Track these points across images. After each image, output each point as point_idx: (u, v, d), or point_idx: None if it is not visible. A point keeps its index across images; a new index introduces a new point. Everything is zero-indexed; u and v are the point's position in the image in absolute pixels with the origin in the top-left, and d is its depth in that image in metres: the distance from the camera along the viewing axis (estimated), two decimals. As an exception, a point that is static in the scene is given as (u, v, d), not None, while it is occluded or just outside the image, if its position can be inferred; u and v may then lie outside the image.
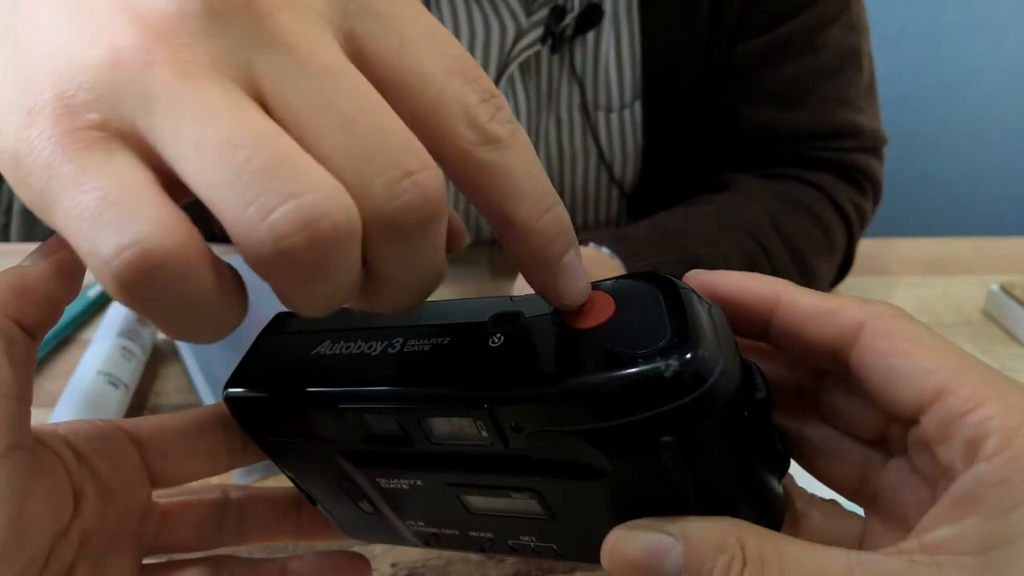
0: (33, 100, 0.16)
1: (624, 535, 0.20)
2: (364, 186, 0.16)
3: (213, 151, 0.15)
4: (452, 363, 0.21)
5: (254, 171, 0.15)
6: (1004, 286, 0.60)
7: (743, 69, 0.62)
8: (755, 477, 0.21)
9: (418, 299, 0.19)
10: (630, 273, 0.21)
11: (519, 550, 0.26)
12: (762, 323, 0.22)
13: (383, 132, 0.16)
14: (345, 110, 0.16)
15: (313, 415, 0.23)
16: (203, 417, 0.25)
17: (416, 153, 0.16)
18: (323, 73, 0.16)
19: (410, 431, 0.22)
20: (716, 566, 0.18)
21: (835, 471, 0.24)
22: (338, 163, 0.16)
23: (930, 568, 0.17)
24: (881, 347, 0.20)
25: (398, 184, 0.16)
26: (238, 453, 0.26)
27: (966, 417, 0.18)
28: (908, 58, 1.48)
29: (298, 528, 0.28)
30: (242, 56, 0.16)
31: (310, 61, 0.16)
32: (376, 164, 0.16)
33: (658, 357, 0.18)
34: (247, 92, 0.16)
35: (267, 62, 0.16)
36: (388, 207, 0.16)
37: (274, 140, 0.15)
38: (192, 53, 0.16)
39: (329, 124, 0.16)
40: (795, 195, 0.60)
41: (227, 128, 0.15)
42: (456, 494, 0.24)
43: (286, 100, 0.16)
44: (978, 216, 1.60)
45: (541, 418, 0.19)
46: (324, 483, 0.26)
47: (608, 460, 0.19)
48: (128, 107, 0.16)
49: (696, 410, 0.18)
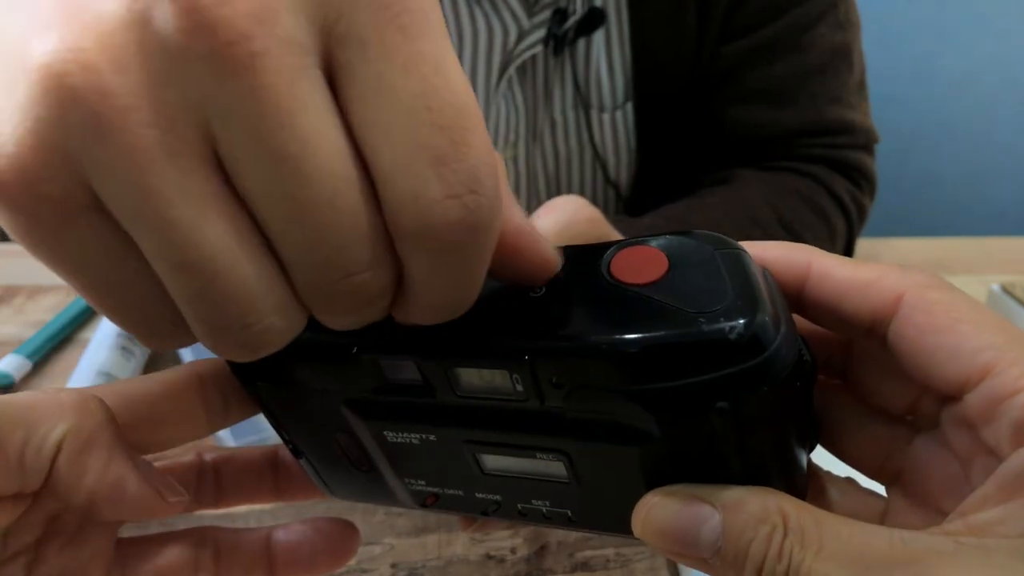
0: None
1: (659, 501, 0.19)
2: (304, 283, 0.16)
3: (145, 232, 0.15)
4: (487, 311, 0.19)
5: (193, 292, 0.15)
6: (1004, 286, 0.60)
7: (732, 69, 0.63)
8: (792, 450, 0.20)
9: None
10: (678, 231, 0.20)
11: (527, 515, 0.24)
12: (794, 293, 0.22)
13: (330, 230, 0.15)
14: (297, 201, 0.14)
15: (321, 360, 0.21)
16: (175, 379, 0.23)
17: (358, 254, 0.16)
18: (286, 160, 0.14)
19: (433, 381, 0.20)
20: (757, 536, 0.18)
21: (858, 447, 0.23)
22: (283, 252, 0.15)
23: (977, 550, 0.17)
24: (922, 321, 0.19)
25: (335, 284, 0.16)
26: (219, 414, 0.24)
27: (1015, 397, 0.18)
28: (908, 58, 1.48)
29: (276, 488, 0.27)
30: (201, 116, 0.14)
31: (278, 141, 0.14)
32: (317, 262, 0.15)
33: (721, 318, 0.17)
34: (203, 161, 0.14)
35: (230, 128, 0.14)
36: (320, 303, 0.16)
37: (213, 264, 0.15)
38: (148, 103, 0.14)
39: (280, 213, 0.15)
40: (794, 186, 0.61)
41: (163, 221, 0.14)
42: (472, 452, 0.22)
43: (243, 186, 0.15)
44: (978, 216, 1.60)
45: (587, 375, 0.18)
46: (318, 435, 0.24)
47: (655, 423, 0.18)
48: (80, 167, 0.14)
49: (756, 377, 0.17)
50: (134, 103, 0.13)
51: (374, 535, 0.38)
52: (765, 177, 0.61)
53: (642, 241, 0.20)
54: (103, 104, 0.13)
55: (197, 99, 0.14)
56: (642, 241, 0.20)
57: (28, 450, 0.20)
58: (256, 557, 0.26)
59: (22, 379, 0.50)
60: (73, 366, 0.46)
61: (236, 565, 0.26)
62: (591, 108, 0.64)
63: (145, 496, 0.21)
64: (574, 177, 0.68)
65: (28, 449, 0.20)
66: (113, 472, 0.21)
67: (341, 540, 0.27)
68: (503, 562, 0.37)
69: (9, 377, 0.49)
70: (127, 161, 0.14)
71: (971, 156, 1.57)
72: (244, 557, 0.26)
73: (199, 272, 0.15)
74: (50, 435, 0.20)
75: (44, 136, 0.14)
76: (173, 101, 0.14)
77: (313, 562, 0.26)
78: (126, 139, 0.13)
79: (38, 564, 0.22)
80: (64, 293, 0.59)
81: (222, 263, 0.15)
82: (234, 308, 0.15)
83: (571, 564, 0.37)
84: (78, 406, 0.21)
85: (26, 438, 0.20)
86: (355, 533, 0.27)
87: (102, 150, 0.14)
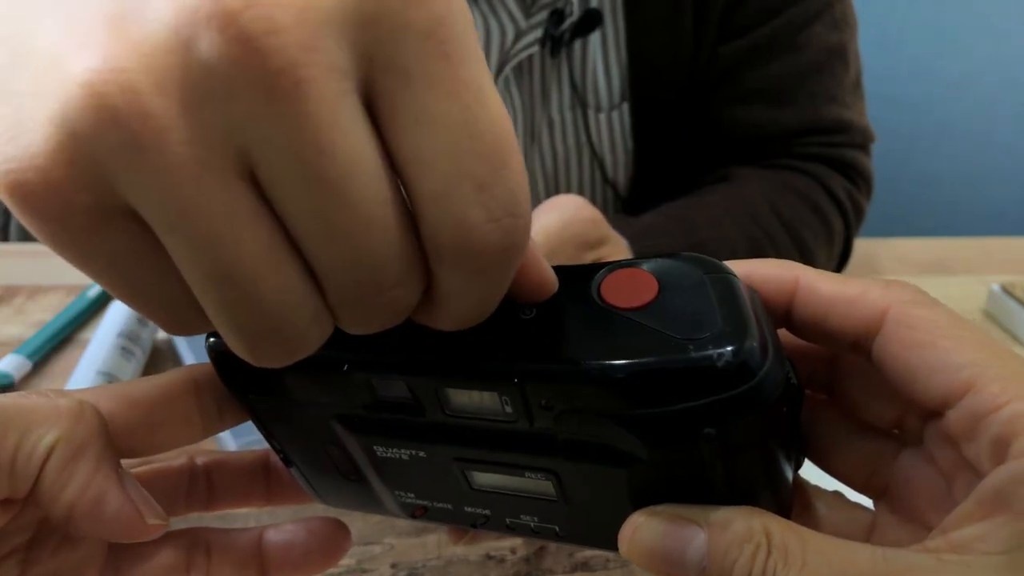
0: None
1: (645, 521, 0.20)
2: (338, 297, 0.16)
3: (182, 244, 0.15)
4: (477, 332, 0.19)
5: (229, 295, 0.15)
6: (1004, 286, 0.60)
7: (729, 69, 0.63)
8: (778, 471, 0.21)
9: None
10: (669, 253, 0.20)
11: (516, 530, 0.24)
12: (782, 310, 0.22)
13: (367, 251, 0.15)
14: (335, 224, 0.15)
15: (311, 375, 0.21)
16: (171, 383, 0.23)
17: (393, 272, 0.16)
18: (324, 183, 0.14)
19: (423, 400, 0.20)
20: (741, 555, 0.18)
21: (845, 462, 0.23)
22: (318, 268, 0.16)
23: (958, 566, 0.17)
24: (905, 337, 0.19)
25: (369, 299, 0.16)
26: (214, 419, 0.24)
27: (995, 414, 0.18)
28: (908, 58, 1.48)
29: (267, 493, 0.28)
30: (242, 140, 0.14)
31: (318, 166, 0.14)
32: (352, 279, 0.16)
33: (710, 345, 0.17)
34: (240, 179, 0.14)
35: (269, 160, 0.14)
36: (350, 315, 0.17)
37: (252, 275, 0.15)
38: (188, 123, 0.14)
39: (318, 233, 0.15)
40: (792, 183, 0.61)
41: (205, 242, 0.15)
42: (461, 469, 0.22)
43: (281, 208, 0.15)
44: (978, 216, 1.60)
45: (576, 398, 0.18)
46: (307, 447, 0.24)
47: (643, 447, 0.18)
48: (113, 179, 0.14)
49: (744, 404, 0.17)
50: (173, 124, 0.14)
51: (374, 535, 0.38)
52: (764, 175, 0.62)
53: (633, 263, 0.20)
54: (143, 125, 0.13)
55: (238, 122, 0.14)
56: (633, 263, 0.20)
57: (20, 455, 0.20)
58: (248, 557, 0.26)
59: (22, 379, 0.50)
60: (73, 366, 0.46)
61: (228, 565, 0.26)
62: (588, 108, 0.64)
63: (124, 514, 0.21)
64: (572, 177, 0.68)
65: (20, 454, 0.20)
66: (96, 485, 0.21)
67: (333, 540, 0.27)
68: (503, 562, 0.37)
69: (9, 377, 0.49)
70: (164, 179, 0.14)
71: (970, 156, 1.57)
72: (236, 557, 0.26)
73: (235, 284, 0.15)
74: (42, 441, 0.20)
75: (78, 151, 0.14)
76: (213, 123, 0.14)
77: (305, 561, 0.26)
78: (164, 159, 0.14)
79: (31, 566, 0.22)
80: (64, 293, 0.59)
81: (258, 275, 0.15)
82: (269, 318, 0.16)
83: (571, 564, 0.37)
84: (74, 413, 0.21)
85: (19, 442, 0.20)
86: (346, 533, 0.27)
87: (139, 167, 0.14)
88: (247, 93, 0.13)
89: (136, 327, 0.50)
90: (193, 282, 0.15)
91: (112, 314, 0.50)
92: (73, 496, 0.20)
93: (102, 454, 0.21)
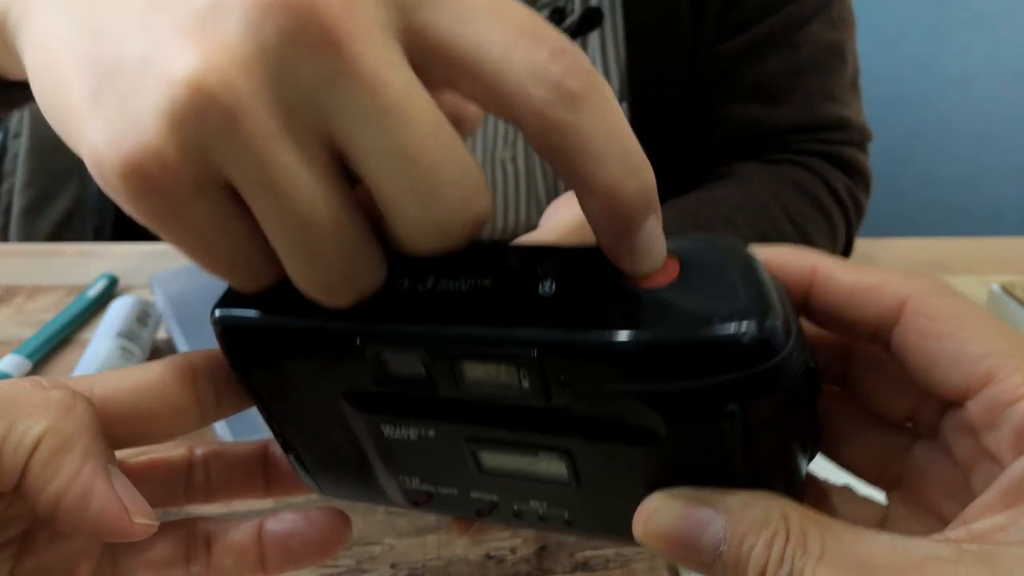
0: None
1: (661, 504, 0.19)
2: (413, 221, 0.18)
3: (270, 200, 0.17)
4: (494, 306, 0.19)
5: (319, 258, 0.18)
6: (1004, 286, 0.60)
7: (726, 68, 0.63)
8: (796, 456, 0.20)
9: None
10: (691, 233, 0.20)
11: (523, 516, 0.24)
12: (799, 297, 0.22)
13: (443, 168, 0.17)
14: (410, 151, 0.17)
15: (321, 348, 0.20)
16: (167, 370, 0.23)
17: (471, 184, 0.18)
18: (389, 110, 0.17)
19: (437, 375, 0.20)
20: (759, 541, 0.18)
21: (857, 454, 0.23)
22: (391, 199, 0.18)
23: (980, 556, 0.17)
24: (925, 327, 0.19)
25: (455, 212, 0.18)
26: (211, 406, 0.23)
27: (1017, 404, 0.18)
28: (908, 58, 1.48)
29: (266, 484, 0.27)
30: (314, 97, 0.17)
31: (380, 97, 0.17)
32: (438, 199, 0.18)
33: (734, 322, 0.17)
34: (316, 138, 0.17)
35: (339, 107, 0.17)
36: (439, 236, 0.18)
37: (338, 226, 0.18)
38: (268, 95, 0.17)
39: (396, 168, 0.17)
40: (794, 178, 0.61)
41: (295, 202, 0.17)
42: (472, 449, 0.22)
43: (355, 146, 0.17)
44: (978, 216, 1.60)
45: (596, 373, 0.18)
46: (310, 428, 0.24)
47: (663, 425, 0.18)
48: (210, 152, 0.17)
49: (768, 381, 0.17)
50: (258, 99, 0.16)
51: (374, 535, 0.38)
52: (766, 170, 0.62)
53: None
54: (236, 105, 0.16)
55: (307, 85, 0.17)
56: None
57: (6, 446, 0.20)
58: (248, 547, 0.26)
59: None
60: (73, 366, 0.46)
61: (228, 555, 0.26)
62: None
63: (110, 511, 0.20)
64: None
65: (6, 445, 0.20)
66: (83, 480, 0.20)
67: (333, 530, 0.26)
68: (503, 562, 0.37)
69: (9, 377, 0.49)
70: (254, 146, 0.17)
71: (971, 156, 1.57)
72: (236, 547, 0.26)
73: (315, 229, 0.18)
74: (29, 432, 0.20)
75: (185, 134, 0.17)
76: (288, 92, 0.17)
77: (305, 552, 0.26)
78: (254, 129, 0.17)
79: (25, 557, 0.22)
80: (64, 293, 0.59)
81: (336, 220, 0.18)
82: (344, 260, 0.18)
83: (571, 564, 0.37)
84: (64, 405, 0.20)
85: (5, 433, 0.20)
86: (347, 522, 0.27)
87: (232, 141, 0.17)
88: (308, 55, 0.16)
89: (136, 327, 0.49)
90: (276, 235, 0.18)
91: (112, 314, 0.50)
92: (58, 490, 0.20)
93: (91, 448, 0.20)
